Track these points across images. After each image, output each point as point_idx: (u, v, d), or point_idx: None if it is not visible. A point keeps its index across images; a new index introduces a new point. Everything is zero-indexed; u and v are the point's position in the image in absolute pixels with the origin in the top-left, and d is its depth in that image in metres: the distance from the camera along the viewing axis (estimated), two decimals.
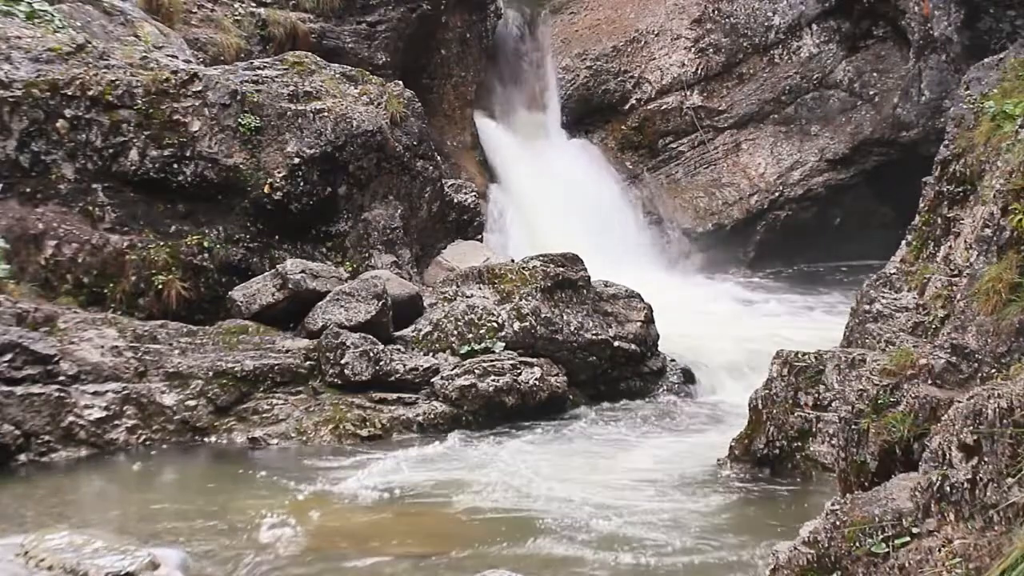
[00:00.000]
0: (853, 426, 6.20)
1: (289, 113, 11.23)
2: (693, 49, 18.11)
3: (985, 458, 4.38)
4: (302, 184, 11.15)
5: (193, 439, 9.38)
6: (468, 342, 10.40)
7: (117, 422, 9.14)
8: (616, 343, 10.97)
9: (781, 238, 17.99)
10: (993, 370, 5.79)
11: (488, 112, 17.69)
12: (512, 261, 11.69)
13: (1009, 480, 4.22)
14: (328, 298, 10.24)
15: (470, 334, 10.45)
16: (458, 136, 16.98)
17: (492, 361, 10.24)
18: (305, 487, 8.13)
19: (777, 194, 18.01)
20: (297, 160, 11.12)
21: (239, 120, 11.02)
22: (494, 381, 10.10)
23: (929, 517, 4.48)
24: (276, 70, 11.65)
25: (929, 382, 6.07)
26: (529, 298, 10.74)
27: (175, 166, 10.84)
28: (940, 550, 4.28)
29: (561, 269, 11.08)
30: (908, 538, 4.47)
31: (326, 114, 11.36)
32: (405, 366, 10.05)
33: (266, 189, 11.00)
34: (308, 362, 9.93)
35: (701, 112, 18.13)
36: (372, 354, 9.92)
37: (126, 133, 10.76)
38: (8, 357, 8.79)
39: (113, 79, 10.81)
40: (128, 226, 10.74)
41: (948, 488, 4.46)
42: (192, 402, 9.49)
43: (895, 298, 8.74)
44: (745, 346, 11.88)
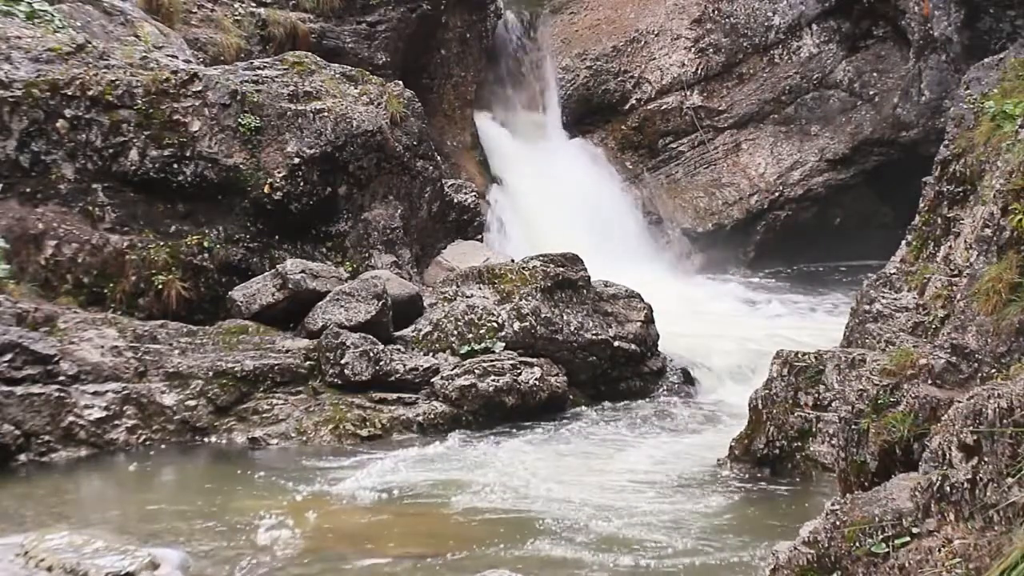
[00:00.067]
0: (853, 426, 6.21)
1: (289, 113, 11.23)
2: (693, 49, 18.11)
3: (985, 458, 4.38)
4: (302, 184, 11.15)
5: (193, 439, 9.38)
6: (468, 342, 10.40)
7: (117, 422, 9.14)
8: (616, 343, 10.97)
9: (781, 238, 17.98)
10: (993, 370, 5.78)
11: (488, 112, 17.68)
12: (512, 261, 11.69)
13: (1009, 480, 4.22)
14: (328, 298, 10.25)
15: (470, 334, 10.46)
16: (458, 136, 16.97)
17: (492, 361, 10.24)
18: (305, 487, 8.13)
19: (777, 194, 18.01)
20: (297, 160, 11.12)
21: (239, 120, 11.01)
22: (494, 381, 10.10)
23: (929, 517, 4.48)
24: (276, 70, 11.65)
25: (929, 382, 6.07)
26: (529, 298, 10.74)
27: (175, 166, 10.84)
28: (940, 550, 4.28)
29: (561, 269, 11.09)
30: (908, 538, 4.47)
31: (326, 114, 11.36)
32: (405, 366, 10.05)
33: (266, 189, 11.00)
34: (308, 362, 9.93)
35: (701, 112, 18.12)
36: (372, 354, 9.92)
37: (126, 133, 10.76)
38: (8, 357, 8.80)
39: (113, 79, 10.81)
40: (128, 226, 10.74)
41: (948, 488, 4.46)
42: (192, 402, 9.49)
43: (895, 298, 8.74)
44: (745, 346, 11.89)
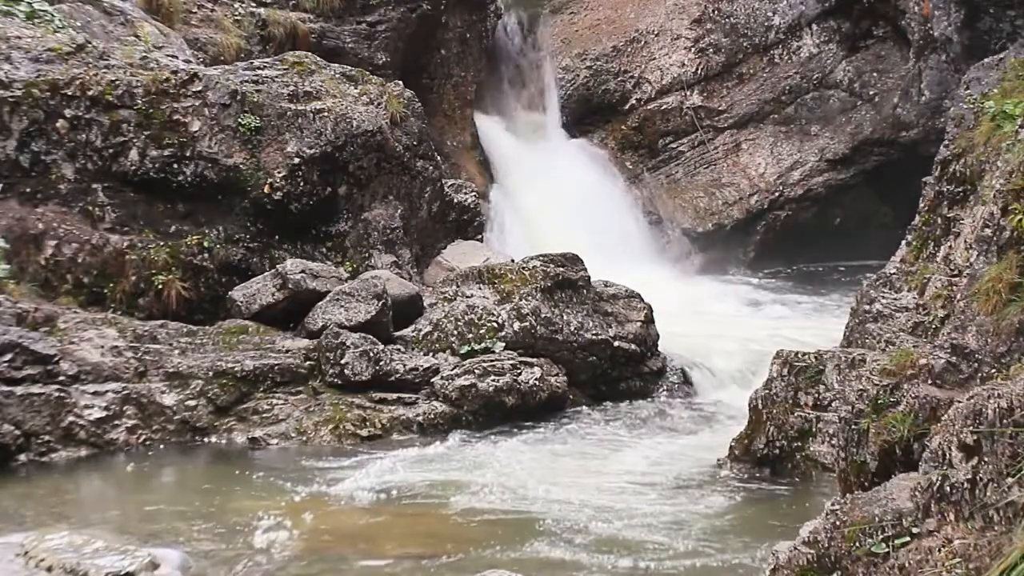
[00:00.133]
0: (853, 426, 6.21)
1: (289, 113, 11.23)
2: (693, 49, 18.10)
3: (985, 458, 4.38)
4: (302, 184, 11.15)
5: (193, 439, 9.38)
6: (468, 342, 10.40)
7: (117, 422, 9.14)
8: (616, 343, 10.97)
9: (781, 238, 17.97)
10: (993, 370, 5.78)
11: (488, 112, 17.67)
12: (512, 261, 11.68)
13: (1009, 480, 4.22)
14: (328, 298, 10.24)
15: (470, 334, 10.45)
16: (458, 136, 16.97)
17: (492, 361, 10.24)
18: (303, 488, 8.13)
19: (777, 194, 18.00)
20: (297, 160, 11.11)
21: (239, 120, 11.01)
22: (494, 381, 10.10)
23: (929, 517, 4.48)
24: (276, 70, 11.64)
25: (929, 382, 6.07)
26: (529, 298, 10.74)
27: (175, 166, 10.84)
28: (940, 550, 4.28)
29: (561, 269, 11.08)
30: (908, 538, 4.47)
31: (326, 114, 11.36)
32: (405, 366, 10.05)
33: (266, 189, 11.00)
34: (308, 362, 9.93)
35: (701, 112, 18.12)
36: (372, 354, 9.92)
37: (126, 133, 10.76)
38: (8, 357, 8.80)
39: (113, 79, 10.81)
40: (128, 226, 10.74)
41: (948, 488, 4.46)
42: (192, 402, 9.49)
43: (895, 298, 8.74)
44: (745, 346, 11.88)
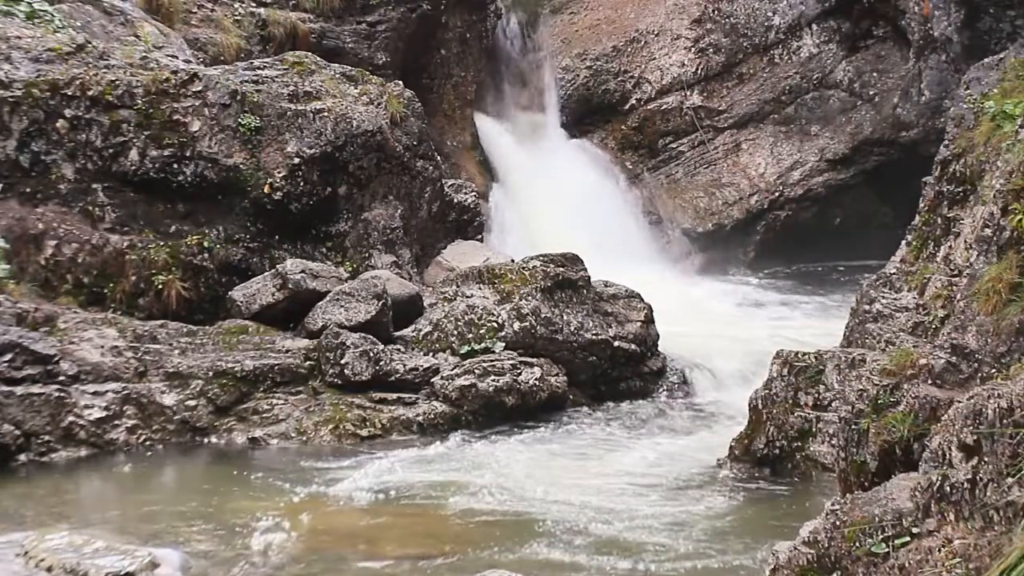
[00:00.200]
0: (853, 426, 6.21)
1: (289, 113, 11.23)
2: (693, 49, 18.10)
3: (985, 458, 4.38)
4: (302, 184, 11.15)
5: (193, 439, 9.38)
6: (468, 342, 10.40)
7: (117, 422, 9.14)
8: (616, 343, 10.97)
9: (781, 238, 17.98)
10: (993, 370, 5.78)
11: (488, 112, 17.67)
12: (512, 261, 11.68)
13: (1009, 480, 4.22)
14: (328, 298, 10.24)
15: (470, 334, 10.45)
16: (458, 136, 16.97)
17: (492, 361, 10.24)
18: (303, 489, 8.13)
19: (777, 194, 18.00)
20: (297, 160, 11.11)
21: (239, 120, 11.01)
22: (494, 381, 10.09)
23: (929, 517, 4.48)
24: (276, 70, 11.64)
25: (929, 382, 6.07)
26: (529, 298, 10.74)
27: (175, 166, 10.84)
28: (940, 550, 4.28)
29: (561, 269, 11.08)
30: (908, 538, 4.47)
31: (326, 114, 11.36)
32: (405, 366, 10.05)
33: (266, 189, 11.00)
34: (308, 362, 9.93)
35: (701, 112, 18.12)
36: (372, 354, 9.92)
37: (126, 133, 10.76)
38: (8, 357, 8.80)
39: (113, 79, 10.81)
40: (128, 226, 10.74)
41: (948, 488, 4.46)
42: (192, 402, 9.48)
43: (895, 298, 8.74)
44: (745, 346, 11.87)
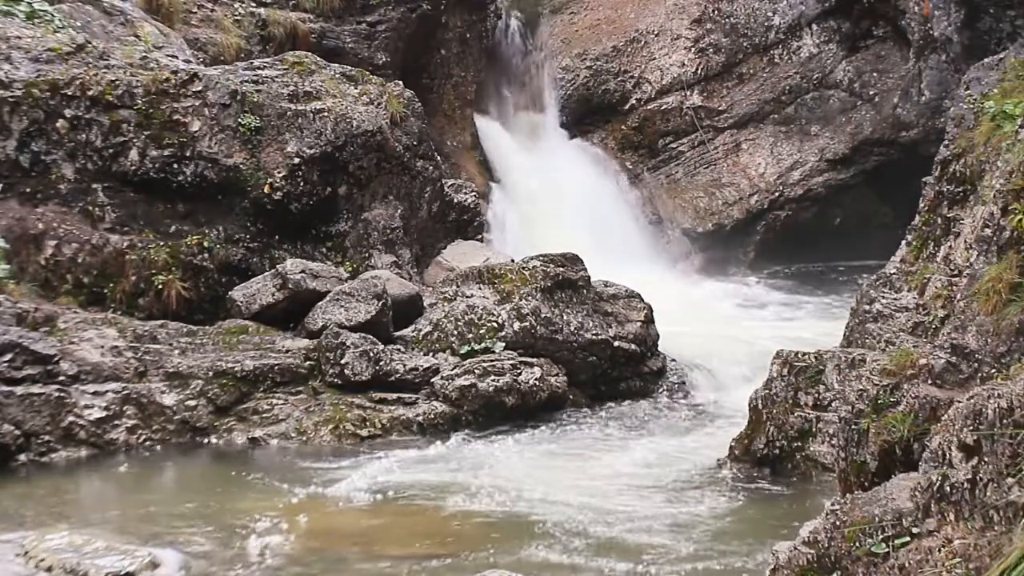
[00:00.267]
0: (853, 426, 6.21)
1: (289, 113, 11.23)
2: (693, 49, 18.10)
3: (985, 458, 4.38)
4: (302, 184, 11.15)
5: (193, 439, 9.38)
6: (468, 342, 10.40)
7: (117, 422, 9.14)
8: (616, 343, 10.97)
9: (781, 238, 17.97)
10: (993, 370, 5.78)
11: (488, 112, 17.68)
12: (512, 261, 11.68)
13: (1009, 480, 4.22)
14: (328, 298, 10.24)
15: (470, 334, 10.45)
16: (458, 136, 16.97)
17: (492, 361, 10.24)
18: (304, 489, 8.12)
19: (777, 194, 18.00)
20: (297, 160, 11.11)
21: (239, 120, 11.01)
22: (494, 381, 10.09)
23: (929, 517, 4.48)
24: (276, 70, 11.64)
25: (929, 382, 6.07)
26: (529, 298, 10.74)
27: (175, 166, 10.84)
28: (940, 550, 4.28)
29: (561, 269, 11.08)
30: (908, 538, 4.47)
31: (326, 114, 11.36)
32: (405, 366, 10.05)
33: (266, 189, 11.00)
34: (308, 362, 9.93)
35: (701, 112, 18.12)
36: (372, 354, 9.92)
37: (126, 133, 10.76)
38: (8, 357, 8.79)
39: (113, 79, 10.81)
40: (128, 226, 10.74)
41: (948, 488, 4.46)
42: (192, 402, 9.48)
43: (895, 298, 8.74)
44: (745, 346, 11.88)
